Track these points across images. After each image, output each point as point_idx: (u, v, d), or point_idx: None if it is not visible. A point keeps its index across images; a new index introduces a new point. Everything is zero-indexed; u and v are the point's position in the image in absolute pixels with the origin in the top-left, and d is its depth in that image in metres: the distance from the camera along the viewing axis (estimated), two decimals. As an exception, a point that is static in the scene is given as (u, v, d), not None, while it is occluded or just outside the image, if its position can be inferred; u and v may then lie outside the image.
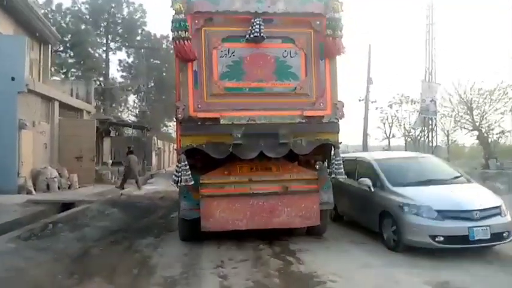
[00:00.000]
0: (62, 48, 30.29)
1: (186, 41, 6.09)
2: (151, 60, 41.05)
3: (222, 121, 6.24)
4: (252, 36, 6.28)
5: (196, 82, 6.29)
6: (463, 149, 39.12)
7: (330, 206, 7.09)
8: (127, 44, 32.89)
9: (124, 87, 33.13)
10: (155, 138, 33.27)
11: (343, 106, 6.64)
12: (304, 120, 6.43)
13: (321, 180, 6.76)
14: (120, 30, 33.41)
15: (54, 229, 7.62)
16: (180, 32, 6.09)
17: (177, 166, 6.48)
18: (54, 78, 21.58)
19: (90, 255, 6.08)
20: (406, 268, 5.45)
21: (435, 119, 18.75)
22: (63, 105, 16.97)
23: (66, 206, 10.73)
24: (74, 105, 17.94)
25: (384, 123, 45.76)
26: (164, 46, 43.25)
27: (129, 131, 35.22)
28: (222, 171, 6.57)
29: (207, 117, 6.25)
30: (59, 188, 14.10)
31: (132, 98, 40.72)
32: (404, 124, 42.40)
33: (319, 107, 6.53)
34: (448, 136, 33.07)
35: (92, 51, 30.07)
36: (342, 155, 6.99)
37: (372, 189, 7.03)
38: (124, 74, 39.21)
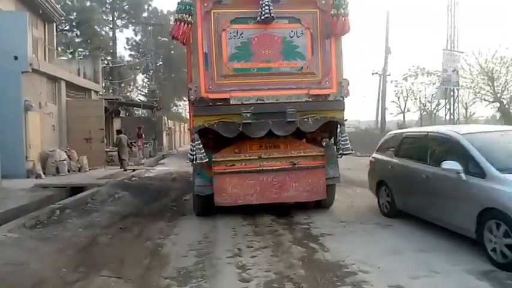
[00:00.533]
0: (68, 27, 29.72)
1: (187, 25, 6.32)
2: (159, 38, 40.25)
3: (232, 101, 6.50)
4: (263, 17, 6.39)
5: (206, 64, 6.50)
6: (476, 122, 37.95)
7: (336, 181, 7.28)
8: (134, 21, 32.07)
9: (132, 65, 32.50)
10: (165, 118, 32.87)
11: (348, 84, 6.80)
12: (310, 99, 6.66)
13: (327, 156, 6.97)
14: (126, 7, 32.61)
15: (61, 215, 7.24)
16: (184, 14, 6.28)
17: (191, 145, 6.79)
18: (61, 58, 21.05)
19: (98, 244, 5.66)
20: (442, 254, 4.90)
21: (457, 90, 17.80)
22: (70, 85, 16.54)
23: (76, 189, 10.38)
24: (81, 85, 17.50)
25: (399, 97, 44.68)
26: (172, 22, 42.41)
27: (139, 111, 34.99)
28: (233, 149, 6.83)
29: (218, 98, 6.50)
30: (68, 171, 13.81)
31: (140, 77, 40.27)
32: (420, 97, 41.37)
33: (325, 86, 6.73)
34: (466, 109, 32.10)
35: (99, 29, 29.47)
36: (407, 130, 7.06)
37: (464, 177, 5.04)
38: (132, 52, 38.64)
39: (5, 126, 11.70)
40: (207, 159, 6.61)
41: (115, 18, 29.55)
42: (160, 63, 41.49)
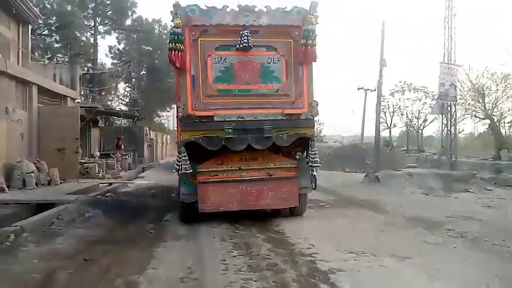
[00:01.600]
0: (46, 32, 28.37)
1: (180, 52, 7.15)
2: (143, 46, 39.14)
3: (215, 118, 7.33)
4: (241, 46, 7.33)
5: (193, 85, 7.33)
6: (471, 139, 37.91)
7: (308, 190, 8.18)
8: (116, 27, 30.90)
9: (114, 73, 31.22)
10: (147, 128, 31.56)
11: (317, 105, 7.79)
12: (285, 117, 7.56)
13: (300, 168, 7.81)
14: (109, 13, 31.44)
15: (16, 241, 6.03)
16: (176, 44, 7.13)
17: (178, 156, 7.52)
18: (37, 62, 19.72)
19: (54, 283, 4.50)
20: None
21: (455, 105, 17.24)
22: (44, 91, 15.26)
23: (42, 207, 9.10)
24: (56, 91, 16.22)
25: (385, 112, 44.56)
26: (156, 31, 41.34)
27: (120, 121, 33.55)
28: (216, 161, 7.61)
29: (203, 115, 7.34)
30: (37, 184, 12.47)
31: (122, 86, 38.94)
32: (406, 113, 41.23)
33: (298, 106, 7.63)
34: (455, 125, 31.87)
35: (79, 35, 28.15)
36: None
37: None
38: (114, 61, 37.34)
39: (-37, 133, 10.39)
40: (191, 170, 7.34)
41: (97, 24, 28.36)
42: (144, 72, 40.26)
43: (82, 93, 27.59)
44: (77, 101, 19.07)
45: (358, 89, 48.42)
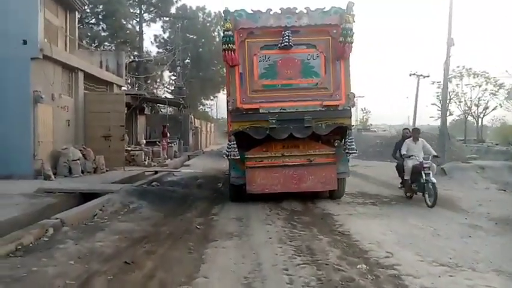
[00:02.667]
0: (94, 21, 28.60)
1: (232, 52, 7.93)
2: (188, 35, 38.85)
3: (261, 110, 8.10)
4: (282, 45, 8.05)
5: (241, 81, 8.15)
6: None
7: (346, 175, 8.88)
8: (161, 14, 30.62)
9: (159, 61, 31.08)
10: (192, 116, 31.32)
11: (354, 96, 8.52)
12: (324, 109, 8.22)
13: (338, 155, 8.48)
14: (153, 0, 31.19)
15: (54, 236, 5.51)
16: (229, 44, 7.90)
17: (228, 144, 8.36)
18: (83, 49, 19.69)
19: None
20: None
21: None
22: (90, 77, 15.05)
23: (86, 196, 8.72)
24: (102, 78, 16.00)
25: (440, 100, 41.70)
26: (201, 19, 40.94)
27: (165, 109, 33.54)
28: (261, 148, 8.41)
29: (250, 108, 8.13)
30: (82, 172, 12.25)
31: (167, 75, 38.94)
32: (465, 100, 38.30)
33: (336, 98, 8.26)
34: (523, 113, 29.00)
35: (125, 23, 28.11)
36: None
37: None
38: (160, 50, 37.34)
39: (10, 119, 10.25)
40: (239, 157, 8.22)
41: (142, 12, 28.15)
42: (188, 60, 40.07)
43: (128, 81, 27.68)
44: (123, 88, 18.87)
45: (410, 75, 45.76)
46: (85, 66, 14.09)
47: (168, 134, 21.07)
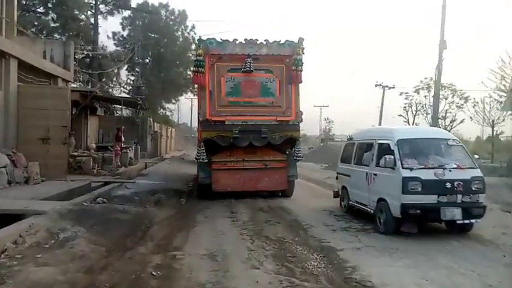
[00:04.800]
0: (42, 9, 25.56)
1: (202, 74, 9.73)
2: (149, 34, 36.28)
3: (226, 122, 9.75)
4: (244, 69, 9.82)
5: (211, 98, 9.82)
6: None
7: (294, 178, 10.60)
8: (119, 6, 27.97)
9: (116, 57, 28.38)
10: (151, 119, 28.80)
11: (302, 114, 10.25)
12: (277, 123, 9.97)
13: (288, 161, 10.32)
14: (112, -9, 28.53)
15: None
16: (199, 68, 9.71)
17: (198, 150, 10.07)
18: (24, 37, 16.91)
19: None
20: None
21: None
22: (28, 68, 12.50)
23: (2, 219, 6.40)
24: (43, 69, 13.43)
25: (407, 111, 41.52)
26: (163, 17, 38.48)
27: (123, 112, 30.72)
28: (226, 154, 10.04)
29: (217, 120, 9.78)
30: (9, 182, 9.78)
31: (125, 73, 36.10)
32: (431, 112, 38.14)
33: (287, 114, 10.04)
34: (492, 127, 28.93)
35: (78, 13, 25.27)
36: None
37: None
38: (118, 48, 34.42)
39: None
40: (207, 160, 9.79)
41: (98, 3, 25.39)
42: (149, 60, 37.49)
43: (81, 78, 24.86)
44: (71, 84, 16.31)
45: (376, 85, 45.63)
46: (19, 52, 11.55)
47: (123, 138, 18.59)
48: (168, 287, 4.17)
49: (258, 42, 9.89)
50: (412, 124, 42.18)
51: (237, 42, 9.81)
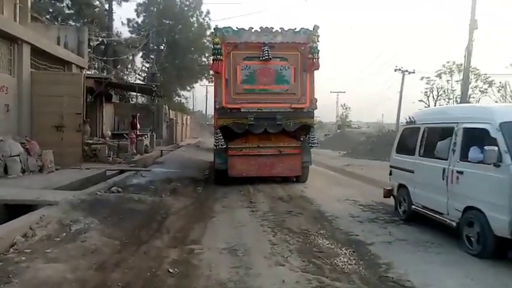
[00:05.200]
0: (57, -4, 25.32)
1: (219, 62, 9.81)
2: (164, 20, 35.77)
3: (242, 110, 9.88)
4: (263, 58, 9.86)
5: (227, 85, 9.93)
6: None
7: (308, 164, 10.74)
8: (134, -9, 27.49)
9: (130, 43, 28.06)
10: (166, 107, 28.54)
11: (316, 101, 10.29)
12: (292, 110, 10.04)
13: (303, 147, 10.43)
14: (125, -24, 28.08)
15: None
16: (217, 55, 9.81)
17: (215, 136, 10.26)
18: (38, 23, 16.69)
19: None
20: None
21: None
22: (41, 54, 12.28)
23: (14, 209, 6.16)
24: (56, 55, 13.18)
25: (428, 96, 40.29)
26: (178, 2, 37.91)
27: (139, 99, 30.52)
28: (241, 140, 10.23)
29: (233, 107, 9.91)
30: (23, 171, 9.59)
31: (140, 60, 35.75)
32: (455, 97, 36.87)
33: (302, 102, 10.11)
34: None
35: (91, -1, 24.96)
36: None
37: None
38: (132, 35, 34.08)
39: None
40: (224, 146, 9.98)
41: (112, -12, 25.13)
42: (163, 47, 37.07)
43: (96, 65, 24.68)
44: (84, 70, 16.06)
45: (395, 70, 44.32)
46: (32, 37, 11.29)
47: (139, 126, 18.33)
48: (187, 286, 3.80)
49: (273, 30, 9.97)
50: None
51: (253, 30, 9.93)
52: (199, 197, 8.86)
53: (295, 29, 10.08)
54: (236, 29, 9.92)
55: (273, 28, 10.00)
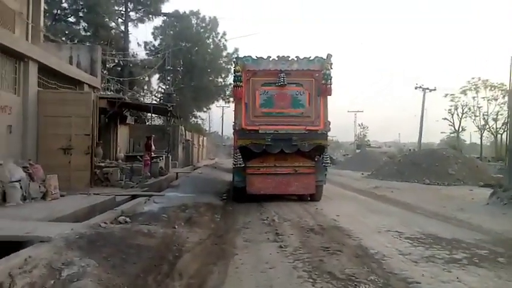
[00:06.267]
0: (73, 19, 25.24)
1: (240, 88, 10.61)
2: (180, 42, 35.59)
3: (260, 131, 10.53)
4: (279, 84, 10.61)
5: (246, 109, 10.67)
6: None
7: (323, 183, 11.35)
8: (150, 12, 27.27)
9: (146, 64, 27.64)
10: (183, 128, 27.81)
11: (330, 123, 10.93)
12: (307, 132, 10.65)
13: (317, 167, 10.95)
14: (141, -1, 27.89)
15: None
16: (238, 82, 10.62)
17: (234, 156, 11.11)
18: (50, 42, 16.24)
19: None
20: None
21: None
22: (50, 73, 11.63)
23: (9, 247, 5.18)
24: (67, 74, 12.52)
25: (453, 114, 38.84)
26: (194, 24, 37.80)
27: (154, 120, 29.97)
28: (259, 160, 10.78)
29: (252, 129, 10.59)
30: (25, 198, 8.68)
31: (156, 82, 35.45)
32: (482, 114, 35.33)
33: (316, 124, 10.75)
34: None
35: (108, 20, 24.72)
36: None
37: None
38: (150, 58, 33.88)
39: None
40: (243, 165, 10.62)
41: (128, 10, 24.85)
42: (180, 68, 36.77)
43: (112, 88, 24.27)
44: (98, 90, 15.42)
45: (416, 88, 43.01)
46: (39, 55, 10.62)
47: (153, 147, 17.52)
48: None
49: (290, 58, 10.74)
50: (458, 128, 39.50)
51: (271, 59, 10.72)
52: (217, 227, 7.77)
53: (310, 57, 10.79)
54: (255, 58, 10.71)
55: (289, 57, 10.74)
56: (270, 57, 10.75)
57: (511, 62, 10.44)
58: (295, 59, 10.74)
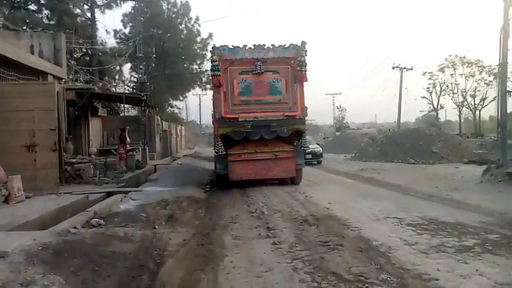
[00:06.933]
0: (35, 7, 23.61)
1: (218, 77, 10.76)
2: (152, 30, 34.12)
3: (239, 119, 10.70)
4: (255, 72, 10.80)
5: (225, 97, 10.83)
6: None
7: (301, 166, 11.77)
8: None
9: (117, 52, 26.31)
10: (159, 118, 26.74)
11: (307, 109, 11.22)
12: (285, 118, 10.88)
13: (296, 151, 11.36)
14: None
15: None
16: (216, 72, 10.74)
17: (215, 145, 11.29)
18: (7, 31, 14.91)
19: None
20: None
21: None
22: (7, 64, 10.53)
23: None
24: (26, 64, 11.39)
25: (431, 92, 38.97)
26: (165, 8, 36.34)
27: (128, 111, 28.79)
28: (240, 147, 11.06)
29: (231, 117, 10.76)
30: (-17, 203, 7.76)
31: (127, 71, 34.00)
32: (461, 92, 35.52)
33: (293, 110, 10.97)
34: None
35: (72, 7, 23.23)
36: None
37: None
38: (119, 45, 32.31)
39: None
40: (224, 152, 10.89)
41: (94, -5, 23.44)
42: (153, 55, 35.41)
43: (81, 79, 22.95)
44: (63, 80, 14.31)
45: (393, 68, 42.94)
46: (-8, 43, 9.52)
47: (128, 140, 16.58)
48: None
49: (265, 47, 10.90)
50: (437, 106, 39.73)
51: (247, 48, 10.85)
52: (202, 224, 7.10)
53: (285, 45, 10.98)
54: (232, 47, 10.87)
55: (265, 45, 10.93)
56: (246, 46, 10.90)
57: (500, 34, 9.99)
58: (271, 47, 10.91)
